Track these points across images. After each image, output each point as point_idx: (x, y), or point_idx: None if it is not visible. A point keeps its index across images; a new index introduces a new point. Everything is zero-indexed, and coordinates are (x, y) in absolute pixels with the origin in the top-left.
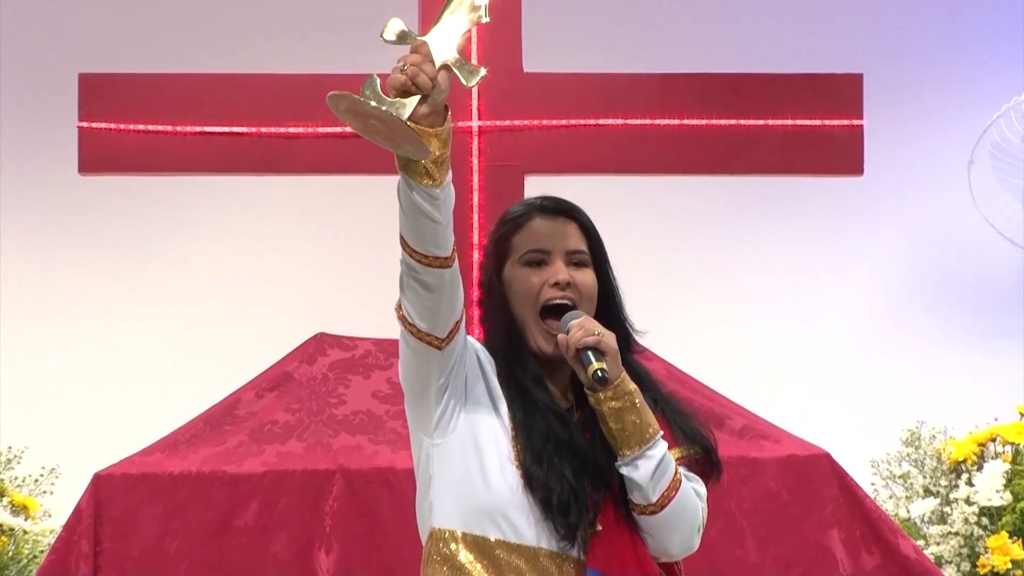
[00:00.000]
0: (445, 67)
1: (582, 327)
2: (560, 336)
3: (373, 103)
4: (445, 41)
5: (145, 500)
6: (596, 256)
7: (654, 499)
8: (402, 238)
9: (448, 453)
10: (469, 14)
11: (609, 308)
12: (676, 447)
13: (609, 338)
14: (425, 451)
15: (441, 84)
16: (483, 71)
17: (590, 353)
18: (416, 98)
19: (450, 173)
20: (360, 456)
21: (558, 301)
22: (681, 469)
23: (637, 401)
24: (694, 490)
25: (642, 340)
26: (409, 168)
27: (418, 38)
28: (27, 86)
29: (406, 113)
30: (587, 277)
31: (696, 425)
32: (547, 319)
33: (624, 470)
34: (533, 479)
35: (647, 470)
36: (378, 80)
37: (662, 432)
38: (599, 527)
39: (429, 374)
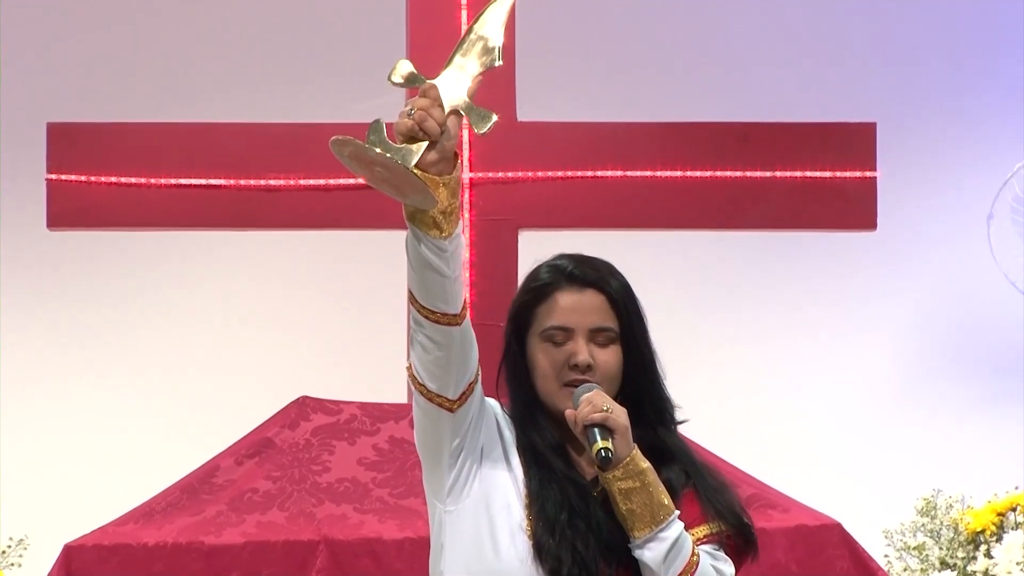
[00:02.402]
0: (455, 112)
1: (590, 402)
2: (568, 412)
3: (378, 149)
4: (456, 85)
5: (118, 573)
6: (626, 330)
7: None
8: (409, 292)
9: (460, 520)
10: (481, 57)
11: (639, 384)
12: (704, 523)
13: (619, 414)
14: (438, 518)
15: (450, 130)
16: (495, 117)
17: (596, 430)
18: (424, 144)
19: (460, 224)
20: (345, 526)
21: (578, 380)
22: (707, 547)
23: (649, 480)
24: (715, 568)
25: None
26: (416, 219)
27: (427, 81)
28: None
29: (413, 160)
30: (610, 356)
31: (731, 501)
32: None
33: (636, 552)
34: (543, 549)
35: (659, 553)
36: (384, 124)
37: (678, 512)
38: None
39: (441, 437)
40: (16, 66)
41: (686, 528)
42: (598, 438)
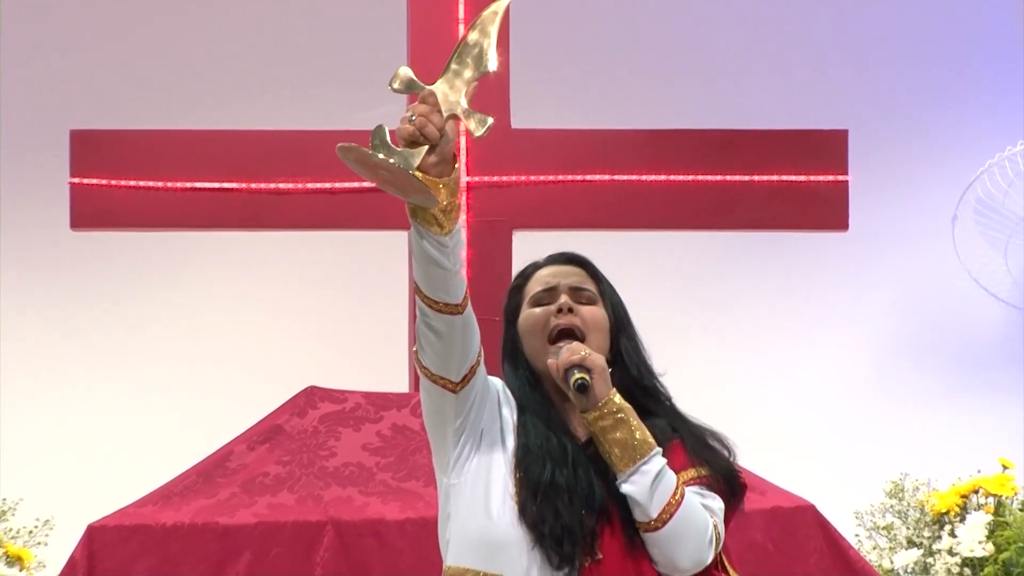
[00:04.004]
0: (453, 117)
1: (569, 349)
2: (549, 362)
3: (381, 155)
4: (453, 91)
5: (138, 551)
6: (604, 295)
7: (654, 514)
8: (415, 284)
9: (462, 492)
10: (476, 63)
11: (623, 350)
12: (691, 468)
13: (596, 357)
14: (444, 490)
15: (449, 134)
16: (491, 120)
17: (575, 369)
18: (424, 148)
19: (460, 221)
20: (350, 507)
21: (563, 326)
22: (693, 488)
23: (628, 417)
24: (703, 504)
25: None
26: (418, 216)
27: (426, 87)
28: (19, 142)
29: (414, 163)
30: (594, 311)
31: (717, 449)
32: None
33: (623, 488)
34: (526, 511)
35: (643, 485)
36: (387, 130)
37: (660, 449)
38: (600, 555)
39: (445, 416)
40: (41, 77)
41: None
42: (576, 373)
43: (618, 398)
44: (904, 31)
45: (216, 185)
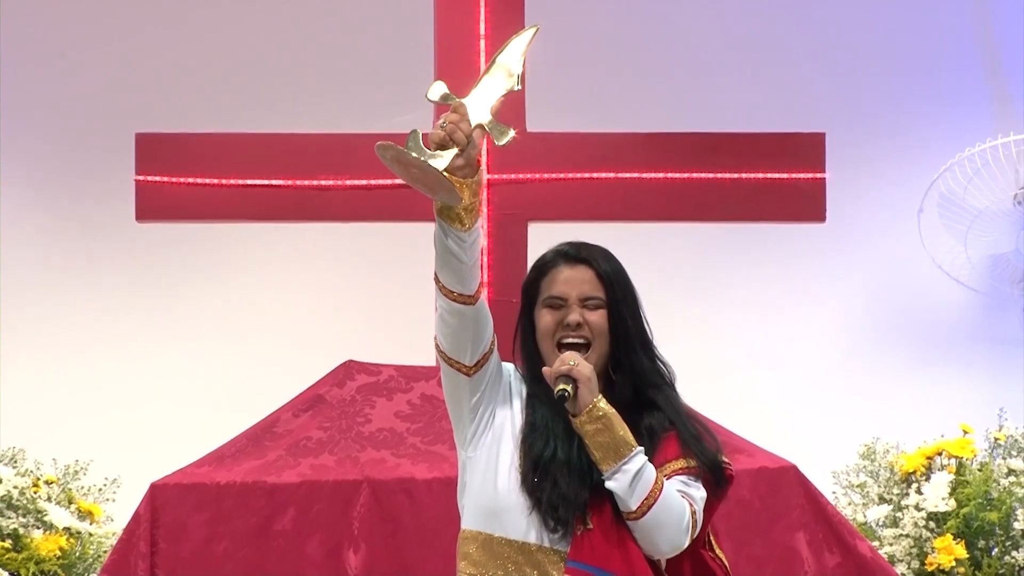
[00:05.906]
0: (480, 127)
1: (561, 360)
2: (544, 369)
3: (414, 154)
4: (481, 104)
5: (195, 507)
6: (611, 299)
7: (634, 507)
8: (435, 274)
9: (476, 463)
10: (504, 82)
11: (625, 346)
12: (681, 458)
13: (583, 367)
14: (462, 461)
15: (475, 141)
16: (513, 132)
17: (560, 379)
18: (453, 152)
19: (479, 220)
20: (384, 468)
21: (571, 340)
22: (680, 477)
23: (612, 422)
24: (682, 493)
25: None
26: (443, 213)
27: (457, 100)
28: (91, 144)
29: (443, 165)
30: (598, 318)
31: (707, 443)
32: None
33: (607, 484)
34: (525, 480)
35: (624, 483)
36: (421, 134)
37: (641, 448)
38: (591, 525)
39: (461, 395)
40: (110, 85)
41: (664, 462)
42: (560, 384)
43: (603, 404)
44: (874, 43)
45: (265, 182)
